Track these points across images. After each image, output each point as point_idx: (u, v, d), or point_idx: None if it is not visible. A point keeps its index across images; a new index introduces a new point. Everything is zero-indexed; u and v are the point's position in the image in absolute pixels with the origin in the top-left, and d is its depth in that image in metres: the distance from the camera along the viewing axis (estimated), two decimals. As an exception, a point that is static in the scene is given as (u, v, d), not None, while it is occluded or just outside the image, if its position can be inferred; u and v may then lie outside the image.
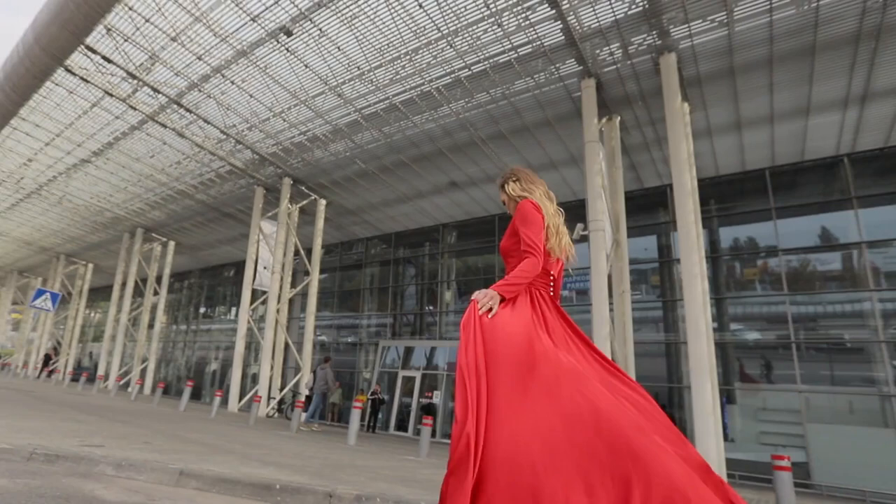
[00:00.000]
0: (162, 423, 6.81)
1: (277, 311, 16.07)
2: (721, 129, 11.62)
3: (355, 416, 7.71)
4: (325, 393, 11.64)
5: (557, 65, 10.59)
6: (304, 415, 11.22)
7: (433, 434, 15.94)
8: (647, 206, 14.58)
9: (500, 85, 11.36)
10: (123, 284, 24.07)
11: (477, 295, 1.81)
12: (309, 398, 11.71)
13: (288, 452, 5.14)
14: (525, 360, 1.66)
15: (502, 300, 1.81)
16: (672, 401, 13.00)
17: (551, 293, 1.98)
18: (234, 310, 26.29)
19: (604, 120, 11.22)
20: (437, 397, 16.50)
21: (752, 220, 13.07)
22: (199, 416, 10.14)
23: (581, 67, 10.55)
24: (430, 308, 18.95)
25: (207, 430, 6.89)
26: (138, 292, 24.34)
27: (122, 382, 22.67)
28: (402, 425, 16.86)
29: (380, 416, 16.15)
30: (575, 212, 16.11)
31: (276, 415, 15.76)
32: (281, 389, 16.50)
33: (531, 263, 1.84)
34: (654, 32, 9.53)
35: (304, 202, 17.53)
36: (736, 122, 11.33)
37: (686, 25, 9.23)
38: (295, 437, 8.10)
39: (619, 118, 11.60)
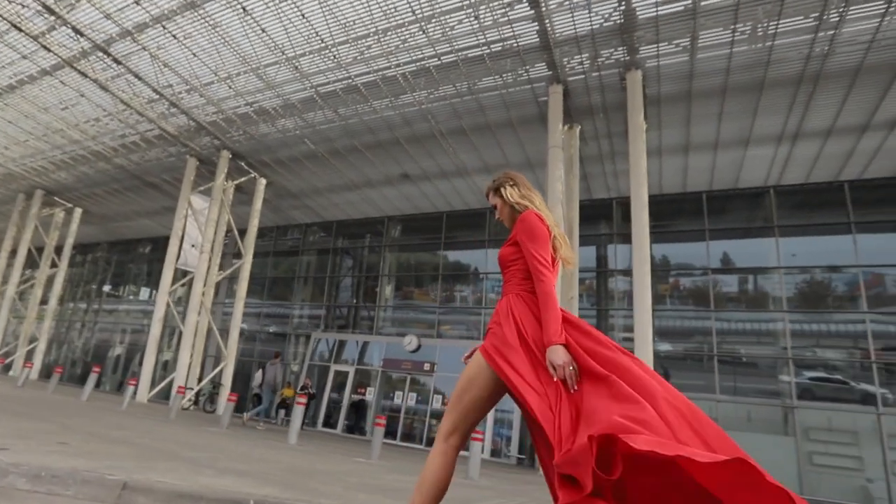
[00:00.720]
0: (69, 417, 5.81)
1: (203, 293, 14.71)
2: (671, 149, 12.21)
3: (298, 413, 7.10)
4: (275, 390, 11.46)
5: (528, 67, 10.56)
6: (247, 412, 11.28)
7: (349, 431, 15.44)
8: (591, 217, 15.01)
9: (468, 79, 11.14)
10: (13, 252, 20.99)
11: (557, 374, 1.64)
12: (257, 395, 11.05)
13: (235, 455, 4.53)
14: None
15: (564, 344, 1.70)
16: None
17: None
18: (146, 289, 23.92)
19: (565, 127, 11.37)
20: (371, 394, 15.97)
21: (688, 238, 13.91)
22: (108, 408, 8.92)
23: (550, 73, 10.60)
24: (368, 302, 18.35)
25: (127, 425, 5.99)
26: (31, 263, 21.34)
27: (2, 365, 19.75)
28: (329, 422, 16.14)
29: (308, 411, 15.32)
30: (523, 216, 16.32)
31: (192, 407, 14.42)
32: (199, 380, 15.13)
33: (549, 285, 1.75)
34: (624, 48, 9.77)
35: (242, 179, 16.24)
36: (685, 144, 11.96)
37: (655, 46, 9.54)
38: (227, 433, 7.33)
39: (579, 127, 11.82)
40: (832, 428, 11.46)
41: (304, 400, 7.26)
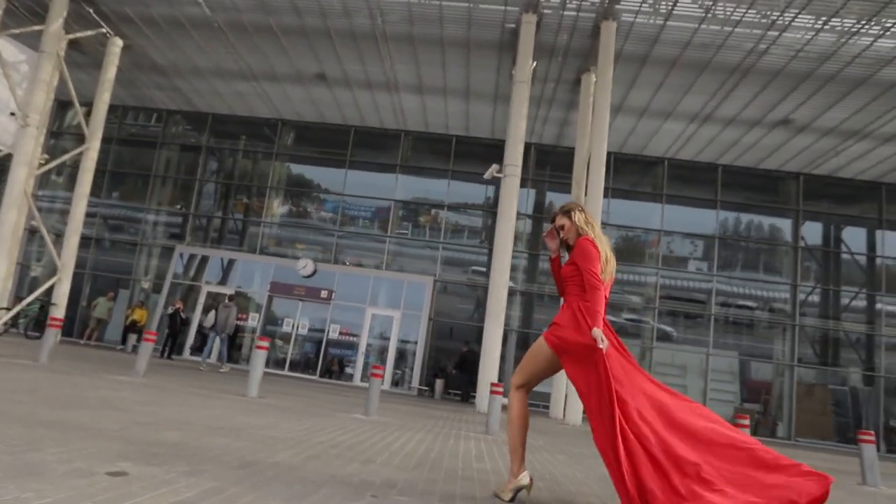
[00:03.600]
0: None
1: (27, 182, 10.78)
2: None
3: (259, 358, 5.69)
4: (229, 334, 10.72)
5: (509, -15, 9.52)
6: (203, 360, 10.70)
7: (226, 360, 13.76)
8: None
9: (438, -19, 9.62)
10: None
11: (599, 344, 2.18)
12: (204, 336, 11.13)
13: (259, 429, 3.40)
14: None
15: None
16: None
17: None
18: None
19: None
20: (255, 321, 14.28)
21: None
22: None
23: (528, -1, 9.77)
24: (250, 216, 15.94)
25: (49, 393, 4.09)
26: None
27: None
28: (200, 349, 14.05)
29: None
30: (438, 146, 15.49)
31: (11, 332, 10.93)
32: (21, 298, 11.44)
33: (599, 295, 2.29)
34: (607, -6, 9.43)
35: (88, 33, 11.87)
36: (618, 105, 12.45)
37: (638, 1, 9.42)
38: (152, 384, 5.62)
39: (535, 65, 11.34)
40: (674, 364, 14.25)
41: (265, 343, 5.87)
